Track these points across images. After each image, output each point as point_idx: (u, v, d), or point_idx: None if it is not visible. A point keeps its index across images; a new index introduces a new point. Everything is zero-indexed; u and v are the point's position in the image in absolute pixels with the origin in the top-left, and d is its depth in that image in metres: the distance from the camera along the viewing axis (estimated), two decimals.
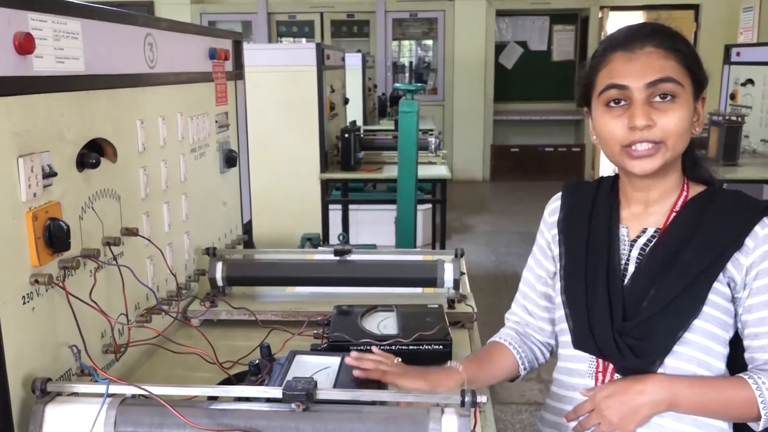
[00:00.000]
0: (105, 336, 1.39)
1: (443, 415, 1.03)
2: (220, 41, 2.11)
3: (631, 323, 1.23)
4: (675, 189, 1.27)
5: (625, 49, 1.21)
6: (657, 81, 1.17)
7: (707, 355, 1.21)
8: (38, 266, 1.14)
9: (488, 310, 2.56)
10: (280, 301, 1.87)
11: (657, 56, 1.19)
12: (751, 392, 1.15)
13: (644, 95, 1.18)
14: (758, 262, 1.17)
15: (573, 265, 1.33)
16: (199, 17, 9.57)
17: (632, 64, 1.19)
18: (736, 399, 1.17)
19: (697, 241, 1.21)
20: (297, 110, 4.33)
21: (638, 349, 1.21)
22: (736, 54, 5.38)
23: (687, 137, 1.22)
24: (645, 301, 1.22)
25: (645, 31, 1.22)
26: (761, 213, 1.19)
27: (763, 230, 1.18)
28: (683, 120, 1.19)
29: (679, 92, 1.18)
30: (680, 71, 1.19)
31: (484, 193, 9.16)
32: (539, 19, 10.17)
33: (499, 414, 3.39)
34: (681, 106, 1.18)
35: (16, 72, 1.08)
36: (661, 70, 1.18)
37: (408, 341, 1.43)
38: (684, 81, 1.19)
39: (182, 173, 1.78)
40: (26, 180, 1.10)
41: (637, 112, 1.18)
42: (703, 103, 1.25)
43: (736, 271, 1.19)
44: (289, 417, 1.05)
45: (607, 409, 1.21)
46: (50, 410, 1.08)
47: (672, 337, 1.20)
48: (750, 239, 1.18)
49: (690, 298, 1.20)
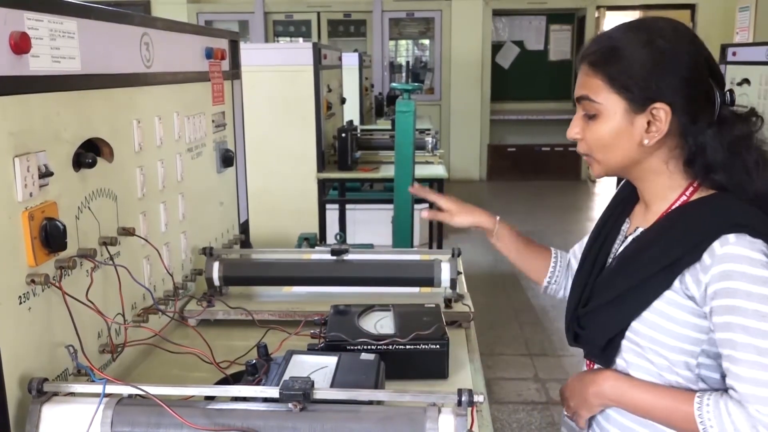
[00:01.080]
0: (102, 336, 1.39)
1: (440, 414, 1.03)
2: (216, 41, 2.11)
3: (582, 311, 1.31)
4: (673, 192, 1.24)
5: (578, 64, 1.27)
6: (579, 98, 1.24)
7: (661, 359, 1.20)
8: (35, 266, 1.14)
9: (485, 310, 2.56)
10: (277, 300, 1.87)
11: (584, 74, 1.23)
12: (692, 410, 1.13)
13: (580, 109, 1.25)
14: (714, 282, 1.11)
15: (584, 251, 1.41)
16: (196, 17, 9.56)
17: (578, 79, 1.26)
18: (678, 412, 1.16)
19: (657, 245, 1.20)
20: (294, 110, 4.32)
21: (580, 338, 1.32)
22: (732, 54, 5.39)
23: (617, 150, 1.22)
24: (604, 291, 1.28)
25: (586, 47, 1.26)
26: (725, 229, 1.12)
27: (721, 248, 1.11)
28: (603, 136, 1.21)
29: (600, 109, 1.21)
30: (604, 87, 1.20)
31: (481, 193, 9.15)
32: (536, 18, 10.18)
33: (496, 413, 3.40)
34: (602, 123, 1.21)
35: (11, 71, 1.07)
36: (582, 87, 1.24)
37: (405, 341, 1.42)
38: (607, 99, 1.20)
39: (179, 173, 1.78)
40: (22, 180, 1.10)
41: (571, 124, 1.27)
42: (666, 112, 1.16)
43: (695, 285, 1.14)
44: (286, 417, 1.05)
45: (570, 398, 1.34)
46: (47, 410, 1.08)
47: (608, 332, 1.24)
48: (707, 255, 1.12)
49: (633, 299, 1.21)
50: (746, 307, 1.08)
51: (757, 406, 1.06)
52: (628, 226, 1.34)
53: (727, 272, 1.10)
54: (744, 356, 1.08)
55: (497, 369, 3.93)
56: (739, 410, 1.08)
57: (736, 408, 1.08)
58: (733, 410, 1.08)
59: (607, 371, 1.27)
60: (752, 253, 1.10)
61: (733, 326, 1.09)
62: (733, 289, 1.09)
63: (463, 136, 9.81)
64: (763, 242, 1.11)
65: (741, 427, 1.07)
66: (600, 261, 1.34)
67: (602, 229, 1.38)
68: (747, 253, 1.10)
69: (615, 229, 1.35)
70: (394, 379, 1.34)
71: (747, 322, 1.08)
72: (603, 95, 1.20)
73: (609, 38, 1.24)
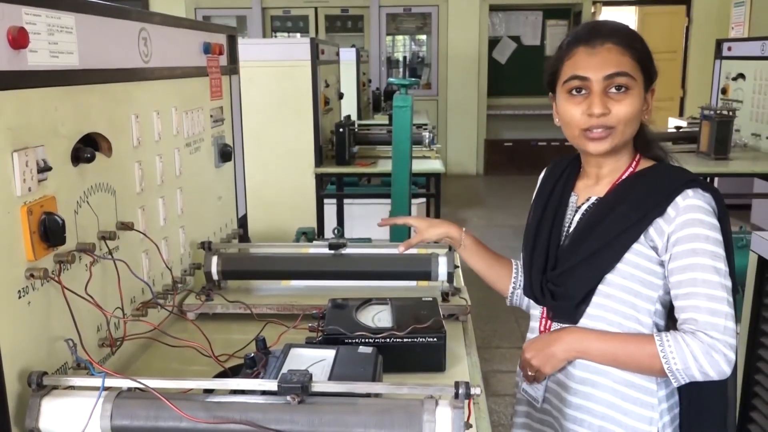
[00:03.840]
0: (101, 330, 1.38)
1: (438, 407, 1.03)
2: (214, 36, 2.10)
3: (555, 272, 1.42)
4: (624, 164, 1.41)
5: (587, 44, 1.35)
6: (613, 74, 1.32)
7: (628, 308, 1.35)
8: (33, 260, 1.13)
9: (481, 303, 2.57)
10: (276, 294, 1.87)
11: (615, 52, 1.33)
12: (655, 349, 1.27)
13: (602, 86, 1.33)
14: (677, 230, 1.29)
15: (530, 225, 1.52)
16: (194, 12, 9.52)
17: (593, 58, 1.34)
18: (642, 353, 1.30)
19: (622, 207, 1.35)
20: (292, 105, 4.31)
21: (557, 294, 1.41)
22: (727, 49, 5.39)
23: (636, 123, 1.37)
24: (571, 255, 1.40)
25: (606, 29, 1.37)
26: (684, 185, 1.31)
27: (683, 201, 1.29)
28: (634, 109, 1.33)
29: (632, 85, 1.33)
30: (634, 66, 1.33)
31: (477, 187, 9.16)
32: (532, 14, 10.16)
33: (492, 406, 3.40)
34: (633, 97, 1.33)
35: (9, 66, 1.07)
36: (617, 65, 1.32)
37: (402, 334, 1.43)
38: (636, 75, 1.33)
39: (177, 168, 1.78)
40: (21, 174, 1.09)
41: (595, 100, 1.33)
42: (653, 94, 1.39)
43: (658, 236, 1.31)
44: (284, 409, 1.05)
45: (533, 357, 1.41)
46: (46, 404, 1.08)
47: (585, 286, 1.37)
48: (671, 208, 1.30)
49: (606, 254, 1.35)
50: (705, 248, 1.27)
51: (711, 332, 1.23)
52: (576, 198, 1.47)
53: (690, 220, 1.28)
54: (703, 291, 1.25)
55: (494, 362, 3.94)
56: (693, 340, 1.24)
57: (691, 339, 1.25)
58: (689, 341, 1.25)
59: (571, 327, 1.40)
60: (705, 204, 1.30)
61: (693, 266, 1.27)
62: (695, 234, 1.28)
63: (460, 131, 9.80)
64: (710, 196, 1.32)
65: (697, 354, 1.23)
66: (556, 231, 1.46)
67: (548, 204, 1.49)
68: (703, 204, 1.30)
69: (563, 204, 1.48)
70: (391, 372, 1.34)
71: (705, 262, 1.26)
72: (635, 72, 1.33)
73: (622, 26, 1.38)
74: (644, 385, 1.36)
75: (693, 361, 1.24)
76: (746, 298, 2.09)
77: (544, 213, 1.49)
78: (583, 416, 1.41)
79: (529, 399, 1.52)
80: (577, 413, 1.41)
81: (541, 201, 1.52)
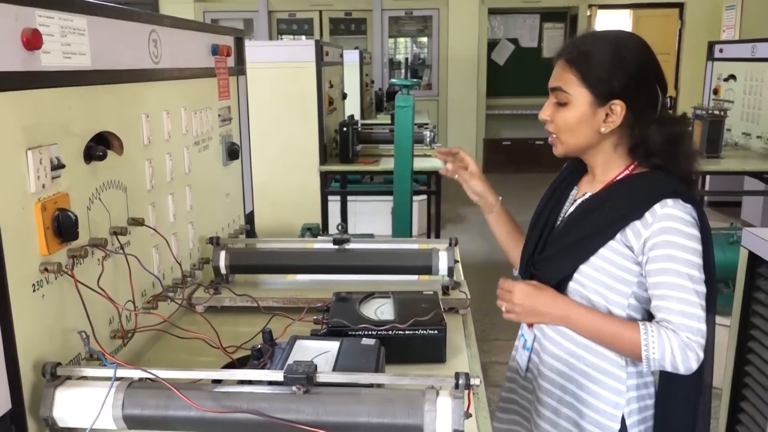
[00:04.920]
0: (113, 322, 1.38)
1: (438, 396, 1.03)
2: (222, 38, 2.09)
3: (539, 257, 1.51)
4: (617, 167, 1.45)
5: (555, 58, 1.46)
6: (553, 88, 1.44)
7: (600, 299, 1.41)
8: (47, 255, 1.13)
9: (481, 297, 2.56)
10: (282, 288, 1.87)
11: (560, 68, 1.43)
12: (638, 335, 1.33)
13: (552, 97, 1.44)
14: (654, 236, 1.34)
15: (537, 212, 1.59)
16: (202, 15, 9.51)
17: (553, 71, 1.45)
18: (624, 336, 1.35)
19: (606, 205, 1.42)
20: (297, 105, 4.31)
21: (536, 276, 1.49)
22: (719, 51, 5.38)
23: (580, 134, 1.42)
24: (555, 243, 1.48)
25: (566, 46, 1.46)
26: (665, 195, 1.35)
27: (661, 209, 1.34)
28: (568, 120, 1.42)
29: (570, 99, 1.40)
30: (572, 82, 1.40)
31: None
32: (530, 17, 10.13)
33: (491, 396, 3.39)
34: (569, 110, 1.41)
35: (24, 67, 1.07)
36: (556, 80, 1.43)
37: (404, 326, 1.42)
38: (575, 91, 1.40)
39: (186, 165, 1.77)
40: (35, 172, 1.09)
41: (543, 108, 1.46)
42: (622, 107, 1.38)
43: (634, 238, 1.36)
44: (290, 399, 1.05)
45: (520, 305, 1.43)
46: (60, 393, 1.08)
47: (560, 272, 1.44)
48: (649, 214, 1.35)
49: (583, 246, 1.42)
50: (680, 256, 1.32)
51: (686, 333, 1.30)
52: (576, 191, 1.55)
53: (666, 228, 1.33)
54: (676, 294, 1.31)
55: (492, 353, 3.94)
56: (674, 337, 1.30)
57: (673, 335, 1.30)
58: (671, 337, 1.30)
59: (561, 296, 1.44)
60: (684, 215, 1.34)
61: (668, 271, 1.32)
62: (670, 241, 1.32)
63: (460, 130, 9.77)
64: (692, 207, 1.36)
65: (675, 350, 1.30)
66: (552, 218, 1.54)
67: (553, 195, 1.57)
68: (681, 215, 1.34)
69: (565, 195, 1.55)
70: (393, 363, 1.34)
71: (679, 268, 1.32)
72: (574, 88, 1.40)
73: (583, 42, 1.44)
74: (615, 373, 1.43)
75: (669, 355, 1.30)
76: (737, 292, 2.08)
77: (548, 201, 1.57)
78: (555, 390, 1.49)
79: (517, 367, 1.61)
80: (550, 386, 1.49)
81: (551, 189, 1.60)
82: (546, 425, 1.50)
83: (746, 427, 2.04)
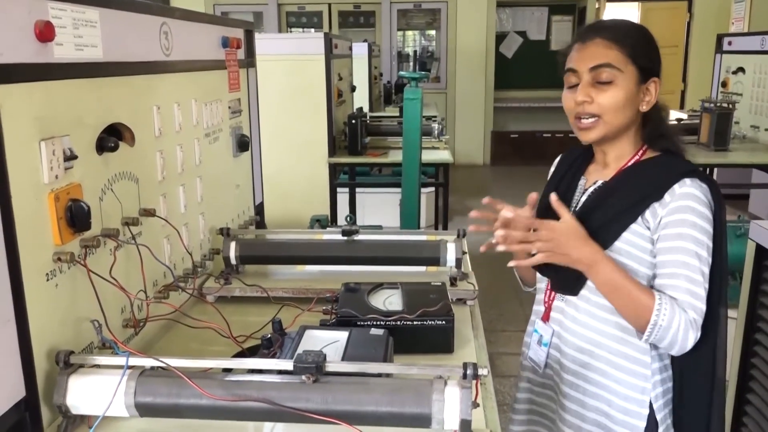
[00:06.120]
0: (125, 311, 1.39)
1: (446, 386, 1.03)
2: (232, 30, 2.09)
3: None
4: (630, 152, 1.45)
5: (580, 41, 1.42)
6: (597, 66, 1.37)
7: None
8: (60, 245, 1.14)
9: (488, 288, 2.56)
10: (291, 278, 1.87)
11: (601, 46, 1.38)
12: (652, 301, 1.30)
13: (588, 77, 1.38)
14: (669, 214, 1.33)
15: (541, 203, 1.50)
16: (212, 8, 9.50)
17: (582, 52, 1.40)
18: (639, 300, 1.31)
19: (623, 191, 1.40)
20: (306, 97, 4.30)
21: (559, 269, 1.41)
22: (727, 43, 5.32)
23: (625, 113, 1.39)
24: None
25: (597, 26, 1.44)
26: (683, 174, 1.35)
27: (680, 188, 1.34)
28: (618, 99, 1.37)
29: (617, 76, 1.36)
30: (621, 58, 1.36)
31: (484, 177, 9.11)
32: (538, 9, 10.07)
33: (498, 386, 3.41)
34: (618, 88, 1.37)
35: (37, 59, 1.07)
36: (602, 57, 1.37)
37: (412, 317, 1.42)
38: (624, 67, 1.36)
39: (197, 157, 1.77)
40: (48, 163, 1.10)
41: (580, 89, 1.39)
42: (656, 85, 1.40)
43: (652, 218, 1.36)
44: (299, 388, 1.05)
45: (549, 240, 1.33)
46: (73, 381, 1.09)
47: None
48: (668, 194, 1.34)
49: (605, 232, 1.38)
50: (691, 234, 1.31)
51: (692, 312, 1.30)
52: (585, 181, 1.51)
53: (681, 207, 1.33)
54: (684, 272, 1.31)
55: (499, 344, 3.94)
56: (683, 313, 1.29)
57: (682, 312, 1.29)
58: (681, 313, 1.29)
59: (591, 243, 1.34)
60: (701, 194, 1.34)
61: (678, 249, 1.32)
62: (683, 219, 1.32)
63: (468, 123, 9.74)
64: (707, 188, 1.35)
65: (681, 326, 1.29)
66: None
67: (559, 186, 1.52)
68: (697, 193, 1.33)
69: (572, 186, 1.52)
70: (402, 354, 1.34)
71: (689, 246, 1.31)
72: (623, 65, 1.37)
73: (621, 21, 1.43)
74: (640, 358, 1.41)
75: (675, 327, 1.29)
76: (744, 284, 2.07)
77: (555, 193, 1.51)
78: (579, 382, 1.45)
79: (534, 365, 1.56)
80: (575, 379, 1.46)
81: (553, 183, 1.56)
82: (573, 419, 1.46)
83: (753, 419, 2.03)
